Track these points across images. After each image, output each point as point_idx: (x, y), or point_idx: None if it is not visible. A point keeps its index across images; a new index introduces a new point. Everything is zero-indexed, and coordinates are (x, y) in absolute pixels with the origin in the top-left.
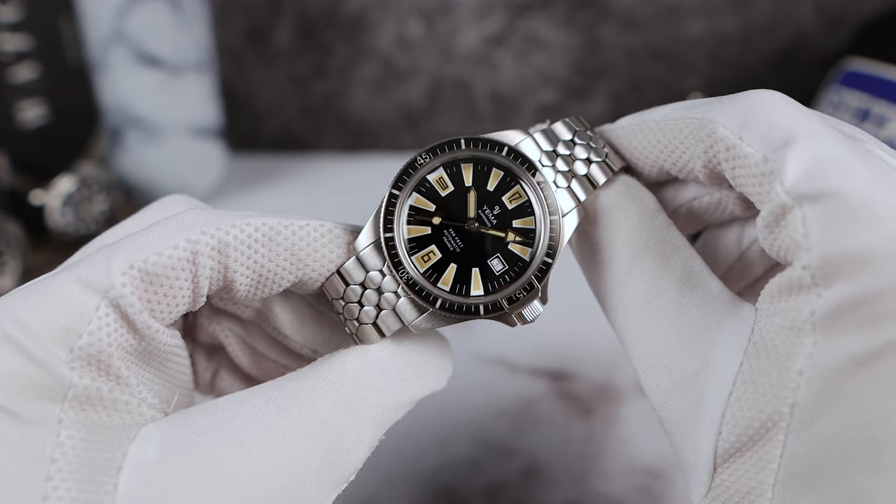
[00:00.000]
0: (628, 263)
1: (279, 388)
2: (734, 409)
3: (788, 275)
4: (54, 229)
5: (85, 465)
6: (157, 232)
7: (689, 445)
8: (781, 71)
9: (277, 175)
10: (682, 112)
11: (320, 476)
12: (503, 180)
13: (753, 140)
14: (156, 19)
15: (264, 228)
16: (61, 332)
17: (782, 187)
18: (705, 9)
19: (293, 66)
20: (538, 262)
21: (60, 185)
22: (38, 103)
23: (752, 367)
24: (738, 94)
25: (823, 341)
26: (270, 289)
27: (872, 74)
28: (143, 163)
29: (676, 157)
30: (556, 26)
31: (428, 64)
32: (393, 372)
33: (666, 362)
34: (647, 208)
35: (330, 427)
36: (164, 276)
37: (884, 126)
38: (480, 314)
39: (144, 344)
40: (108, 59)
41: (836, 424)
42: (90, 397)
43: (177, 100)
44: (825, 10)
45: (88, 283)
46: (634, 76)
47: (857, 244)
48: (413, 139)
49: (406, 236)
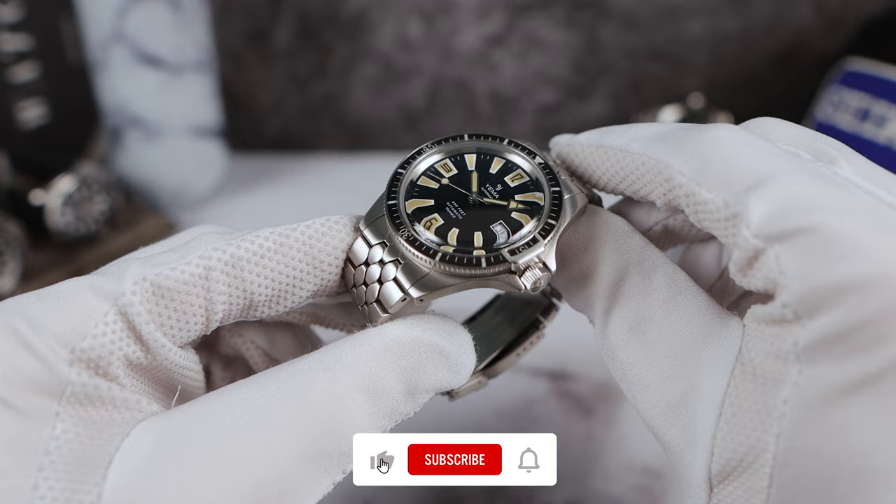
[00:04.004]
0: (611, 291)
1: (273, 376)
2: (723, 432)
3: (769, 311)
4: (54, 229)
5: (78, 458)
6: (175, 251)
7: (687, 465)
8: (781, 71)
9: (277, 175)
10: (641, 146)
11: (310, 464)
12: (505, 166)
13: (712, 185)
14: (156, 19)
15: (273, 237)
16: (67, 332)
17: (749, 230)
18: (705, 9)
19: (293, 66)
20: (542, 224)
21: (60, 185)
22: (38, 103)
23: (739, 391)
24: (695, 132)
25: (808, 371)
26: (293, 299)
27: (872, 74)
28: (143, 163)
29: (635, 190)
30: (556, 26)
31: (428, 64)
32: (395, 359)
33: (658, 384)
34: (620, 232)
35: (320, 414)
36: (175, 291)
37: (884, 126)
38: (483, 266)
39: (150, 358)
40: (108, 59)
41: (823, 456)
42: (88, 394)
43: (177, 100)
44: (825, 10)
45: (100, 290)
46: (634, 76)
47: (835, 276)
48: (413, 139)
49: (409, 208)
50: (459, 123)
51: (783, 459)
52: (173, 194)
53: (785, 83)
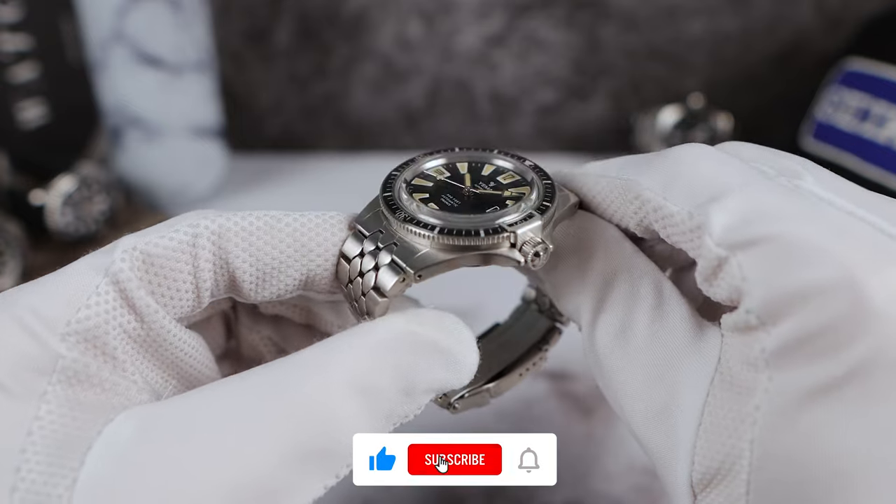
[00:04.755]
0: (599, 295)
1: (262, 371)
2: (703, 440)
3: (735, 319)
4: (54, 229)
5: (58, 440)
6: (165, 223)
7: (670, 473)
8: (781, 71)
9: (277, 175)
10: (613, 171)
11: (297, 464)
12: (496, 169)
13: (677, 198)
14: (156, 19)
15: (265, 218)
16: (61, 307)
17: (712, 239)
18: (705, 9)
19: (293, 66)
20: (538, 203)
21: (60, 185)
22: (39, 103)
23: (718, 400)
24: (663, 152)
25: (777, 377)
26: (279, 284)
27: (872, 74)
28: (144, 163)
29: (611, 213)
30: (556, 26)
31: (428, 64)
32: (388, 354)
33: (642, 392)
34: (611, 237)
35: (309, 412)
36: (164, 258)
37: (884, 126)
38: (481, 236)
39: (146, 329)
40: (108, 59)
41: (796, 461)
42: (77, 372)
43: (177, 100)
44: (825, 10)
45: (93, 264)
46: (634, 76)
47: (797, 282)
48: (413, 139)
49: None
50: (460, 123)
51: (758, 465)
52: (173, 194)
53: (785, 83)
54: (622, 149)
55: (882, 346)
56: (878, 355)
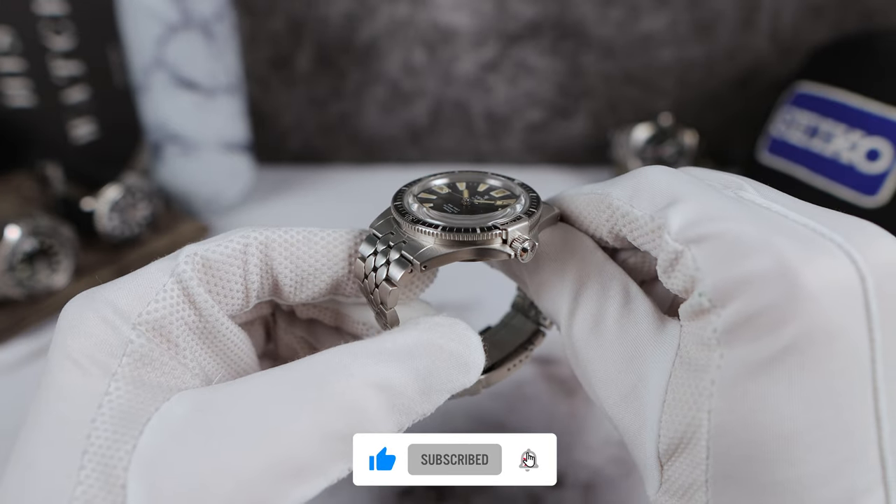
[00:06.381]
0: (576, 296)
1: (297, 364)
2: (667, 415)
3: (691, 303)
4: (102, 232)
5: (123, 413)
6: (220, 235)
7: (640, 447)
8: (741, 93)
9: (299, 185)
10: (588, 188)
11: (326, 445)
12: (490, 187)
13: (642, 205)
14: (192, 48)
15: (304, 233)
16: (133, 301)
17: (670, 236)
18: (674, 39)
19: (312, 89)
20: (525, 209)
21: (108, 194)
22: (89, 121)
23: (678, 379)
24: (629, 173)
25: (728, 353)
26: (314, 288)
27: (820, 96)
28: (181, 174)
29: (588, 224)
30: (542, 54)
31: (431, 87)
32: (409, 360)
33: (613, 378)
34: (586, 247)
35: (337, 400)
36: (220, 263)
37: (830, 142)
38: (477, 233)
39: (203, 321)
40: (150, 82)
41: (748, 426)
42: (143, 356)
43: (210, 118)
44: (779, 40)
45: (162, 267)
46: (611, 98)
47: (739, 270)
48: (418, 153)
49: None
50: (458, 139)
51: (716, 433)
52: (207, 201)
53: (744, 103)
54: (601, 161)
55: (813, 325)
56: (811, 333)
